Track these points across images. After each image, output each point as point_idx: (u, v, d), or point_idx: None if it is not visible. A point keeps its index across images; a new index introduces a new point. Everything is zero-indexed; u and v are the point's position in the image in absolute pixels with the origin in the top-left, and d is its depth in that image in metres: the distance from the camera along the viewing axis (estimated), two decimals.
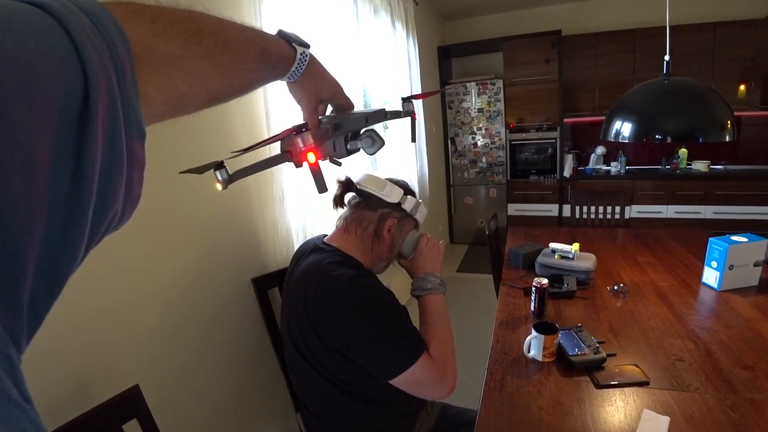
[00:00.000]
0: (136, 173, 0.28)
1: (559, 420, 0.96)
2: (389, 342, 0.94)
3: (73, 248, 0.24)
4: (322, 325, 0.95)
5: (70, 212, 0.23)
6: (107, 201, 0.26)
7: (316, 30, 1.78)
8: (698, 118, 1.51)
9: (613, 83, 3.95)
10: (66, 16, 0.23)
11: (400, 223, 1.13)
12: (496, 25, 4.46)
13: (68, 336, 0.91)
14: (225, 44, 0.39)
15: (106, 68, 0.24)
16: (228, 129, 1.37)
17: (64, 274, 0.24)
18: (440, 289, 1.12)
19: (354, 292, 0.94)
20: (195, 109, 0.39)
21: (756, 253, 1.54)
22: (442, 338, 1.04)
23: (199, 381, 1.28)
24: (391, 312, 0.97)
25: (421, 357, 0.95)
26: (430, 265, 1.15)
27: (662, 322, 1.36)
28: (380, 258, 1.15)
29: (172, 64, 0.34)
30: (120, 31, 0.27)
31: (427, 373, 0.95)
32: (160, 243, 1.15)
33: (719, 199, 3.74)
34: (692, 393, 1.02)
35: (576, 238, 2.22)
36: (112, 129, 0.25)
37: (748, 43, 3.64)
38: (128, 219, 0.30)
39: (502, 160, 4.37)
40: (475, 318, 2.93)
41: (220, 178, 0.52)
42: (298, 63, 0.52)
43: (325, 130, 0.61)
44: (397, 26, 2.83)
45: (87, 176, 0.23)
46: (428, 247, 1.17)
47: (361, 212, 1.12)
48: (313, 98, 0.58)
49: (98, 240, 0.27)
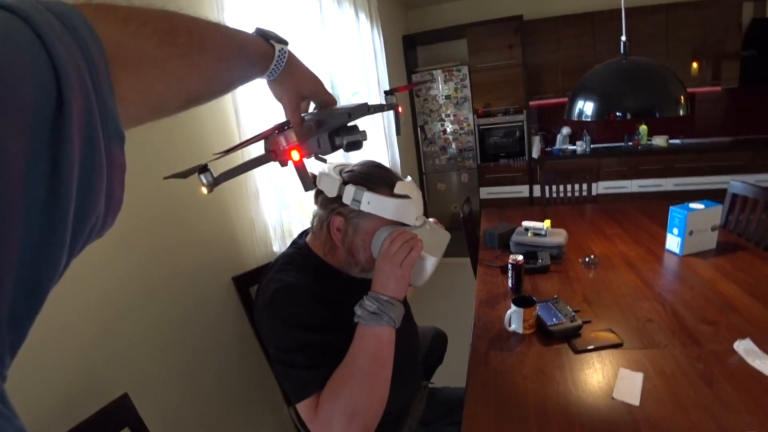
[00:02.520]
0: (117, 177, 0.27)
1: (542, 386, 1.01)
2: (284, 366, 0.84)
3: (53, 257, 0.23)
4: (260, 328, 0.96)
5: (49, 218, 0.22)
6: (87, 206, 0.25)
7: (280, 23, 1.76)
8: (654, 94, 1.60)
9: (574, 66, 4.07)
10: (34, 17, 0.22)
11: (353, 220, 0.90)
12: (459, 12, 4.50)
13: (49, 350, 0.88)
14: (201, 43, 0.38)
15: (79, 69, 0.24)
16: (198, 130, 1.35)
17: (46, 285, 0.23)
18: (371, 321, 0.81)
19: (273, 306, 0.87)
20: (174, 111, 0.39)
21: (712, 219, 1.64)
22: (343, 391, 0.79)
23: (188, 384, 1.27)
24: (296, 339, 0.84)
25: (306, 400, 0.81)
26: (379, 282, 0.84)
27: (632, 288, 1.44)
28: (344, 262, 0.97)
29: (148, 64, 0.33)
30: (92, 32, 0.26)
31: (306, 420, 0.82)
32: (137, 249, 1.13)
33: (679, 172, 3.93)
34: (662, 350, 1.09)
35: (547, 215, 2.29)
36: (89, 131, 0.24)
37: (698, 24, 3.81)
38: (111, 225, 0.29)
39: (472, 145, 4.45)
40: (456, 301, 3.00)
41: (205, 182, 0.50)
42: (276, 60, 0.52)
43: (308, 128, 0.60)
44: (361, 17, 2.82)
45: (64, 180, 0.23)
46: (384, 256, 0.83)
47: (319, 209, 0.96)
48: (294, 95, 0.58)
49: (80, 248, 0.26)
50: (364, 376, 0.80)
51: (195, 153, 1.32)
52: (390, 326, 0.83)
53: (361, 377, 0.80)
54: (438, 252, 0.90)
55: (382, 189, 0.88)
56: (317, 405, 0.80)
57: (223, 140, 1.44)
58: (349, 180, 0.88)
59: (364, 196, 0.85)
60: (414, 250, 0.83)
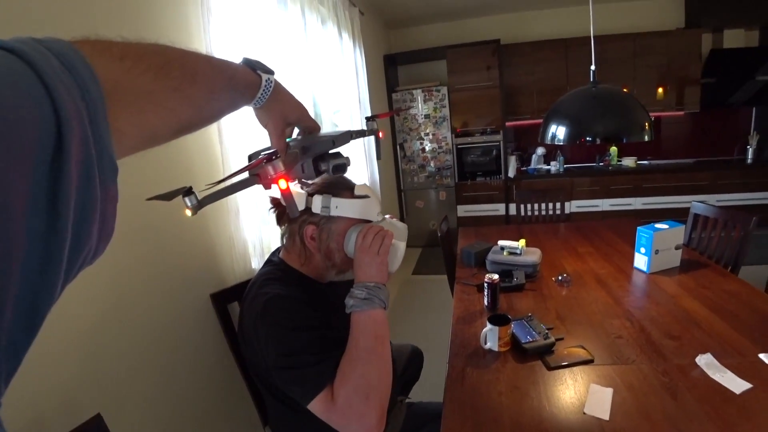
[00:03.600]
0: (110, 208, 0.28)
1: (517, 402, 1.04)
2: (291, 370, 0.87)
3: (50, 287, 0.24)
4: (250, 344, 0.96)
5: (48, 250, 0.23)
6: (82, 237, 0.26)
7: (265, 41, 1.79)
8: (622, 120, 1.69)
9: (549, 88, 4.24)
10: (37, 60, 0.24)
11: (324, 226, 0.98)
12: (439, 34, 4.64)
13: (20, 369, 0.86)
14: (193, 75, 0.40)
15: (77, 108, 0.25)
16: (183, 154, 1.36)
17: (43, 312, 0.24)
18: (364, 306, 0.89)
19: (266, 316, 0.90)
20: (166, 140, 0.40)
21: (676, 238, 1.73)
22: (354, 374, 0.85)
23: (163, 403, 1.24)
24: (297, 340, 0.88)
25: (320, 394, 0.84)
26: (363, 272, 0.93)
27: (602, 306, 1.49)
28: (322, 268, 1.04)
29: (143, 98, 0.34)
30: (90, 71, 0.27)
31: (323, 413, 0.85)
32: (112, 264, 1.11)
33: (647, 191, 4.11)
34: (630, 365, 1.14)
35: (522, 234, 2.37)
36: (86, 166, 0.25)
37: (662, 52, 4.05)
38: (102, 253, 0.30)
39: (450, 163, 4.54)
40: (433, 318, 3.01)
41: (189, 204, 0.51)
42: (263, 89, 0.54)
43: (293, 155, 0.63)
44: (344, 36, 2.89)
45: (62, 213, 0.24)
46: (361, 249, 0.93)
47: (289, 226, 1.02)
48: (279, 122, 0.60)
49: (74, 276, 0.27)
50: (370, 354, 0.87)
51: (176, 168, 1.32)
52: (381, 308, 0.91)
53: (367, 356, 0.87)
54: (403, 238, 1.01)
55: (345, 193, 0.97)
56: (332, 394, 0.84)
57: (208, 166, 1.45)
58: (315, 191, 0.96)
59: (332, 202, 0.94)
60: (386, 238, 0.94)
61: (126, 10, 1.18)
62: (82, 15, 1.03)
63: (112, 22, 1.12)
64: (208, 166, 1.46)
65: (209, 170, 1.45)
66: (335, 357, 0.88)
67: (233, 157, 1.45)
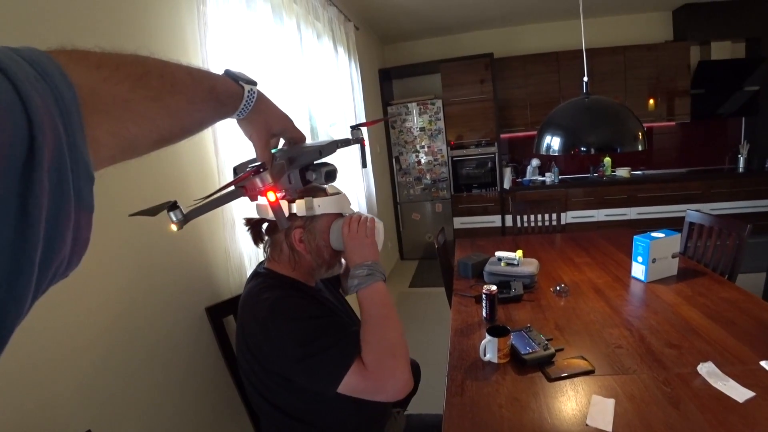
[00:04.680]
0: (84, 218, 0.28)
1: (518, 415, 1.02)
2: (316, 356, 0.91)
3: (19, 297, 0.23)
4: (260, 352, 0.96)
5: (16, 260, 0.22)
6: (54, 246, 0.25)
7: (261, 54, 1.80)
8: (615, 131, 1.71)
9: (542, 100, 4.30)
10: (9, 66, 0.23)
11: (309, 226, 1.04)
12: (433, 48, 4.71)
13: (6, 384, 0.83)
14: (173, 85, 0.40)
15: (51, 114, 0.24)
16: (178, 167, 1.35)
17: (10, 325, 0.23)
18: (368, 281, 0.99)
19: (277, 316, 0.94)
20: (146, 151, 0.39)
21: (672, 246, 1.73)
22: (376, 339, 0.94)
23: (156, 419, 1.21)
24: (315, 327, 0.94)
25: (352, 366, 0.91)
26: (358, 255, 1.01)
27: (601, 315, 1.48)
28: (312, 268, 1.08)
29: (121, 107, 0.34)
30: (64, 78, 0.27)
31: (359, 382, 0.91)
32: (104, 277, 1.09)
33: (641, 201, 4.14)
34: (631, 375, 1.12)
35: (519, 245, 2.36)
36: (59, 174, 0.25)
37: (652, 64, 4.13)
38: (76, 265, 0.29)
39: (446, 175, 4.56)
40: (430, 330, 2.99)
41: (175, 219, 0.50)
42: (246, 100, 0.53)
43: (280, 166, 0.62)
44: (340, 50, 2.92)
45: (33, 222, 0.23)
46: (350, 237, 1.01)
47: (273, 237, 1.07)
48: (264, 133, 0.59)
49: (45, 288, 0.26)
50: (384, 319, 0.97)
51: (172, 182, 1.32)
52: (382, 280, 1.01)
53: (382, 321, 0.97)
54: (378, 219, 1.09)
55: (321, 193, 1.04)
56: (363, 364, 0.92)
57: (203, 178, 1.44)
58: (295, 197, 1.02)
59: (314, 202, 1.01)
60: (369, 221, 1.03)
61: (123, 24, 1.19)
62: (80, 29, 1.04)
63: (109, 36, 1.12)
64: (204, 179, 1.45)
65: (204, 184, 1.45)
66: (354, 332, 0.97)
67: (229, 170, 1.44)
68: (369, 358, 0.92)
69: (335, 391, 0.91)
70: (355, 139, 0.84)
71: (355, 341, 0.95)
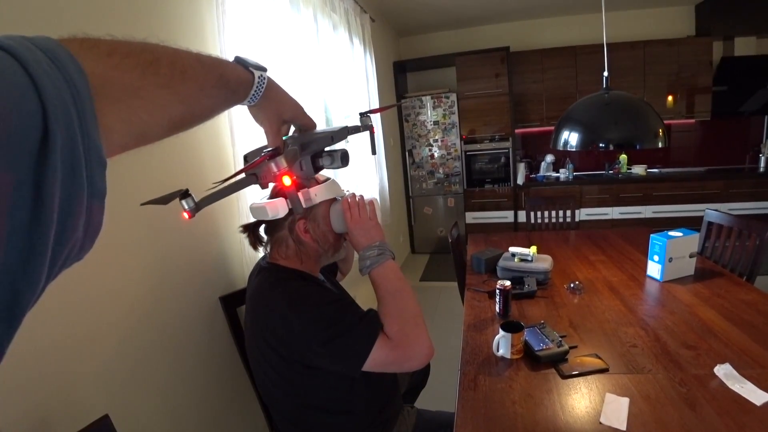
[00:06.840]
0: (97, 203, 0.28)
1: (531, 411, 1.02)
2: (341, 337, 0.93)
3: (33, 279, 0.24)
4: (279, 342, 0.97)
5: (30, 241, 0.23)
6: (67, 230, 0.26)
7: (279, 45, 1.80)
8: (636, 127, 1.68)
9: (558, 95, 4.23)
10: (23, 54, 0.24)
11: (311, 215, 1.05)
12: (448, 41, 4.66)
13: (24, 367, 0.85)
14: (183, 73, 0.40)
15: (64, 101, 0.25)
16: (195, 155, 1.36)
17: (24, 305, 0.24)
18: (380, 260, 1.03)
19: (295, 304, 0.95)
20: (157, 138, 0.40)
21: (690, 246, 1.70)
22: (396, 312, 0.99)
23: (171, 405, 1.24)
24: (335, 309, 0.97)
25: (378, 340, 0.94)
26: (365, 238, 1.04)
27: (616, 314, 1.47)
28: (320, 254, 1.10)
29: (132, 94, 0.34)
30: (76, 65, 0.27)
31: (388, 354, 0.94)
32: (121, 265, 1.11)
33: (657, 200, 4.07)
34: (646, 374, 1.11)
35: (532, 241, 2.35)
36: (72, 158, 0.25)
37: (673, 59, 4.03)
38: (89, 249, 0.30)
39: (459, 170, 4.53)
40: (441, 325, 2.99)
41: (187, 207, 0.50)
42: (256, 87, 0.53)
43: (294, 151, 0.62)
44: (355, 42, 2.90)
45: (47, 205, 0.24)
46: (354, 222, 1.04)
47: (275, 236, 1.08)
48: (275, 120, 0.59)
49: (58, 271, 0.27)
50: (400, 292, 1.02)
51: (189, 171, 1.33)
52: (392, 258, 1.05)
53: (399, 294, 1.01)
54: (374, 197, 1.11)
55: (313, 183, 1.05)
56: (387, 337, 0.95)
57: (219, 165, 1.45)
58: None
59: (311, 193, 1.02)
60: (368, 203, 1.07)
61: (141, 13, 1.19)
62: (96, 18, 1.05)
63: (126, 24, 1.13)
64: (220, 168, 1.46)
65: (221, 174, 1.46)
66: (371, 311, 1.00)
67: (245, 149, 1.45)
68: (393, 329, 0.96)
69: (361, 368, 0.93)
70: (364, 126, 0.85)
71: (376, 317, 0.98)
